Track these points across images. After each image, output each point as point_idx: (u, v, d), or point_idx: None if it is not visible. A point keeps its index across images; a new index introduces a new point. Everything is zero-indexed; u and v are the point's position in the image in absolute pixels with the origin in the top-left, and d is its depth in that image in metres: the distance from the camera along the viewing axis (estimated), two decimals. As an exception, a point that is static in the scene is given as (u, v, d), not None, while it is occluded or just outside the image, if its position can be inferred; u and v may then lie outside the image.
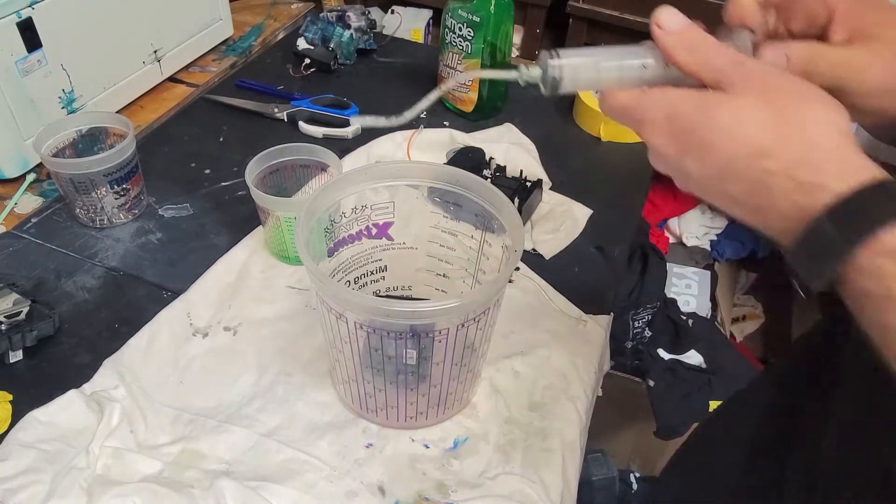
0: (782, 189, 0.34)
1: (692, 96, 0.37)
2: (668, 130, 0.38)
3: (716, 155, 0.36)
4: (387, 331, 0.53)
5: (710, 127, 0.36)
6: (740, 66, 0.37)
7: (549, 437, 0.62)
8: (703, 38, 0.39)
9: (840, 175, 0.33)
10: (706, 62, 0.38)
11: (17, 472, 0.56)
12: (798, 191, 0.34)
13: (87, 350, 0.69)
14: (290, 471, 0.59)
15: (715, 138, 0.36)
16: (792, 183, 0.34)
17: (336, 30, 1.13)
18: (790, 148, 0.34)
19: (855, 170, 0.33)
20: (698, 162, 0.37)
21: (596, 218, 0.87)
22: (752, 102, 0.36)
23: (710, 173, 0.37)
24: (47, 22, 0.84)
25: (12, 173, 0.88)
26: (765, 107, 0.35)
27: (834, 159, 0.34)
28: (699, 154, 0.37)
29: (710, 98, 0.37)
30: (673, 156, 0.38)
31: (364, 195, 0.64)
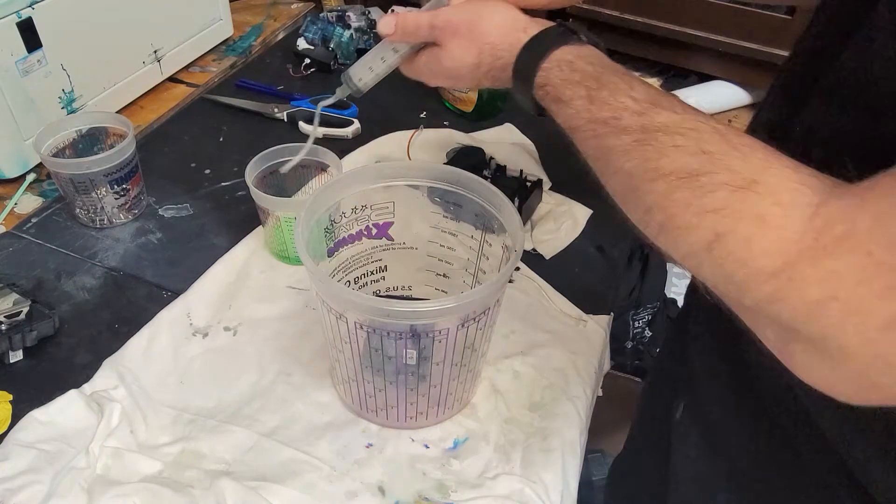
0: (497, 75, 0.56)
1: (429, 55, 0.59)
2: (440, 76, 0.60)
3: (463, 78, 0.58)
4: (387, 331, 0.53)
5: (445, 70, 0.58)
6: (434, 27, 0.57)
7: (549, 437, 0.62)
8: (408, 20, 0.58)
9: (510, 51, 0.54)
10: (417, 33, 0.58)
11: (17, 472, 0.56)
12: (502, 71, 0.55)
13: (87, 350, 0.69)
14: (290, 471, 0.59)
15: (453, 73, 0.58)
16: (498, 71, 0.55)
17: (336, 30, 1.13)
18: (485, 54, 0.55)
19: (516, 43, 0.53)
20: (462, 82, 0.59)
21: (596, 218, 0.87)
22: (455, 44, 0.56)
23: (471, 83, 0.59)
24: (47, 22, 0.84)
25: (12, 173, 0.88)
26: (461, 41, 0.56)
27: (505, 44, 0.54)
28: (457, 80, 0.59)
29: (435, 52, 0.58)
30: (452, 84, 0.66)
31: (364, 195, 0.64)
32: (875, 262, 0.30)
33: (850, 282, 0.31)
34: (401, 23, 0.58)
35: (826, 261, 0.32)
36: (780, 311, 0.33)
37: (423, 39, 0.58)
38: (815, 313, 0.32)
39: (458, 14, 0.56)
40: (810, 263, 0.32)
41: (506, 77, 0.55)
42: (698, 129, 0.40)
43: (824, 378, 0.34)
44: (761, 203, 0.35)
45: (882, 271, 0.30)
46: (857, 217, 0.31)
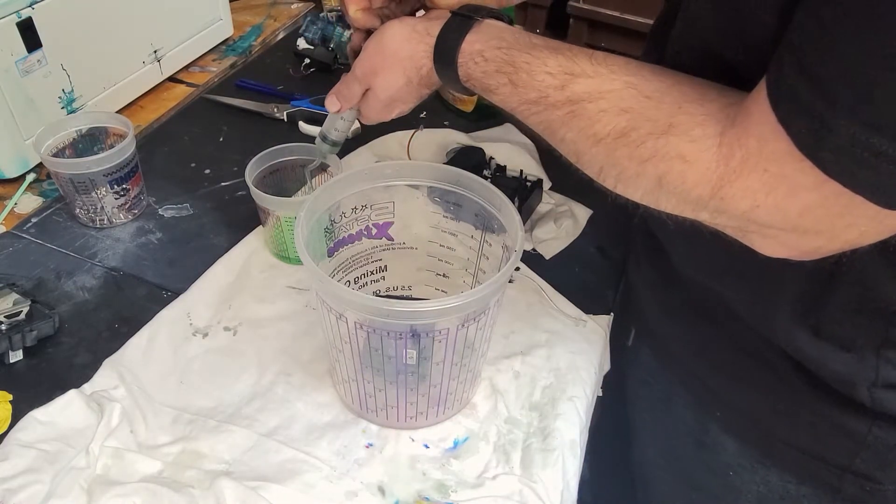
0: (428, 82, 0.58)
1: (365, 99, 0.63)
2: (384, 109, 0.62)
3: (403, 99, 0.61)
4: (387, 331, 0.53)
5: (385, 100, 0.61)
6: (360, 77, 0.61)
7: (549, 437, 0.62)
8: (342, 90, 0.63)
9: (426, 55, 0.56)
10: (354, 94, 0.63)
11: (17, 472, 0.56)
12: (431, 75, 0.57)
13: (87, 350, 0.69)
14: (290, 471, 0.59)
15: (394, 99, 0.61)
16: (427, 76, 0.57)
17: (336, 30, 1.13)
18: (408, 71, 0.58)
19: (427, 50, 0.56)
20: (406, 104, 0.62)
21: (596, 218, 0.87)
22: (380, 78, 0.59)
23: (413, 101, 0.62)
24: (47, 22, 0.85)
25: (12, 173, 0.88)
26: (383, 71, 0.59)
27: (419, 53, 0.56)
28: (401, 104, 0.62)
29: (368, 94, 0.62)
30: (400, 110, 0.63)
31: (364, 195, 0.64)
32: (771, 175, 0.39)
33: (762, 193, 0.40)
34: (339, 96, 0.64)
35: (739, 181, 0.40)
36: (727, 219, 0.43)
37: (360, 94, 0.62)
38: (751, 217, 0.41)
39: (367, 53, 0.60)
40: (729, 185, 0.41)
41: (436, 80, 0.57)
42: (614, 91, 0.46)
43: (779, 251, 0.43)
44: (679, 143, 0.42)
45: (778, 180, 0.39)
46: (746, 143, 0.40)
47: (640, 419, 0.76)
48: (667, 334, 0.67)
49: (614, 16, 1.96)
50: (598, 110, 0.46)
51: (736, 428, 0.62)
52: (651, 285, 0.69)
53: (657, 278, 0.67)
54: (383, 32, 0.59)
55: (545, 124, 0.50)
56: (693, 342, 0.64)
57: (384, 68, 0.59)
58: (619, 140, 0.45)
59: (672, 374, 0.68)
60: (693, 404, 0.66)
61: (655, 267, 0.67)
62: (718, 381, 0.62)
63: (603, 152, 0.46)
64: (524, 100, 0.50)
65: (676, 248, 0.61)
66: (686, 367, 0.65)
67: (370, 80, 0.61)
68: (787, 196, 0.39)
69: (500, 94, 0.52)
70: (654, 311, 0.69)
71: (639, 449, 0.78)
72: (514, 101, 0.51)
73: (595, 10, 1.99)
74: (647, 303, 0.70)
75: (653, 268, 0.68)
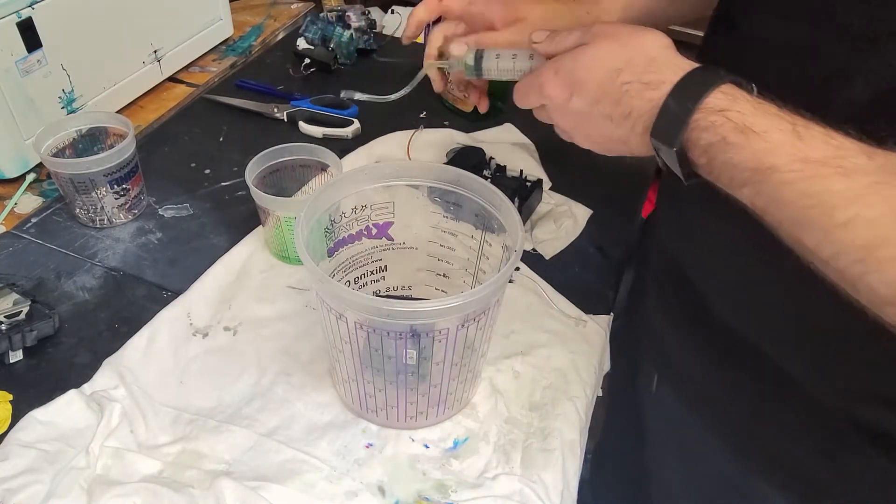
0: (637, 91, 0.46)
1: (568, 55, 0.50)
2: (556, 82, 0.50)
3: (589, 85, 0.48)
4: (387, 331, 0.53)
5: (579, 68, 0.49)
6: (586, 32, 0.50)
7: (549, 437, 0.62)
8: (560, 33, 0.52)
9: (674, 71, 0.44)
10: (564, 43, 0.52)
11: (17, 472, 0.56)
12: (647, 89, 0.45)
13: (87, 350, 0.69)
14: (290, 471, 0.59)
15: (585, 75, 0.48)
16: (642, 85, 0.45)
17: (336, 30, 1.13)
18: (635, 63, 0.46)
19: (682, 65, 0.45)
20: (579, 95, 0.49)
21: (596, 218, 0.87)
22: (602, 43, 0.48)
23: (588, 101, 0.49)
24: (47, 22, 0.84)
25: (12, 173, 0.88)
26: (610, 43, 0.48)
27: (667, 63, 0.46)
28: (578, 89, 0.49)
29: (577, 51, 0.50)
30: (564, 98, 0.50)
31: (364, 195, 0.64)
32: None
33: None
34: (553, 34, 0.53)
35: None
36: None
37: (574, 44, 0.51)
38: None
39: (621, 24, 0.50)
40: None
41: (649, 97, 0.45)
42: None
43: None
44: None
45: None
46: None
47: (667, 466, 0.70)
48: (700, 380, 0.61)
49: (614, 16, 1.96)
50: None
51: (785, 482, 0.56)
52: (684, 334, 0.63)
53: (692, 329, 0.61)
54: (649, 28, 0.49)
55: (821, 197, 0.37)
56: (731, 390, 0.58)
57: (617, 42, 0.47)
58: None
59: (705, 421, 0.62)
60: (733, 455, 0.60)
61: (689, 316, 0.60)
62: (763, 433, 0.56)
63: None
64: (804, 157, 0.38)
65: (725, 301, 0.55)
66: (722, 415, 0.59)
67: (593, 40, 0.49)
68: None
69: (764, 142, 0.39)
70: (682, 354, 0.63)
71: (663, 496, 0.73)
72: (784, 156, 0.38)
73: (595, 10, 1.99)
74: (674, 344, 0.63)
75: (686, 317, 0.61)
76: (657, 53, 0.46)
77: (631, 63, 0.46)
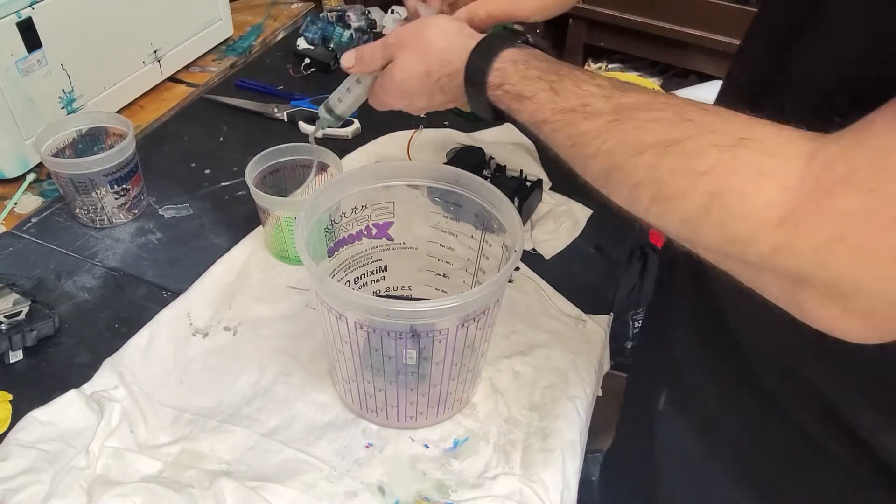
0: (448, 82, 0.55)
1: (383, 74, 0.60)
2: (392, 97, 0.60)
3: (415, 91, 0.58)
4: (387, 331, 0.53)
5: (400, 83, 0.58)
6: (386, 46, 0.59)
7: (549, 437, 0.62)
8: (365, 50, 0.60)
9: (460, 56, 0.54)
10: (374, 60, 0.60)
11: (17, 472, 0.56)
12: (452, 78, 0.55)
13: (87, 350, 0.69)
14: (290, 471, 0.59)
15: (408, 86, 0.58)
16: (448, 77, 0.55)
17: (336, 30, 1.13)
18: (433, 62, 0.56)
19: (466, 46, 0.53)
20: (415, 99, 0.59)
21: (596, 218, 0.87)
22: (404, 56, 0.57)
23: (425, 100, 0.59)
24: (47, 22, 0.84)
25: (12, 173, 0.88)
26: (409, 54, 0.57)
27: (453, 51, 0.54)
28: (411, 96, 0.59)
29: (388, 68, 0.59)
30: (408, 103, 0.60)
31: (364, 195, 0.64)
32: (879, 197, 0.30)
33: (857, 220, 0.31)
34: (359, 55, 0.61)
35: (830, 202, 0.32)
36: (789, 260, 0.33)
37: (380, 63, 0.60)
38: (825, 255, 0.32)
39: (406, 28, 0.58)
40: (815, 207, 0.32)
41: (456, 84, 0.54)
42: (671, 103, 0.40)
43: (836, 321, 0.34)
44: (755, 157, 0.35)
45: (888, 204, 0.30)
46: (856, 156, 0.32)
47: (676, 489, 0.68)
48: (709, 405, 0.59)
49: (614, 15, 1.96)
50: (650, 118, 0.40)
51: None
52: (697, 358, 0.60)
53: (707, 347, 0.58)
54: (430, 19, 0.57)
55: (577, 137, 0.44)
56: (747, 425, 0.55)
57: (413, 47, 0.56)
58: (669, 149, 0.38)
59: (716, 452, 0.59)
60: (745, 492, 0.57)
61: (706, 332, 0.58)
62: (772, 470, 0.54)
63: (646, 163, 0.39)
64: (560, 108, 0.46)
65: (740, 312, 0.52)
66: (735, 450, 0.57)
67: (395, 53, 0.58)
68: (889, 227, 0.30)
69: (534, 103, 0.48)
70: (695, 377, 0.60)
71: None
72: (547, 111, 0.47)
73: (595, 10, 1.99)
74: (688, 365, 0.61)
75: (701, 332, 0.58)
76: (444, 44, 0.55)
77: (431, 63, 0.56)
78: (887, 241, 0.30)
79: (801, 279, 0.34)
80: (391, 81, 0.59)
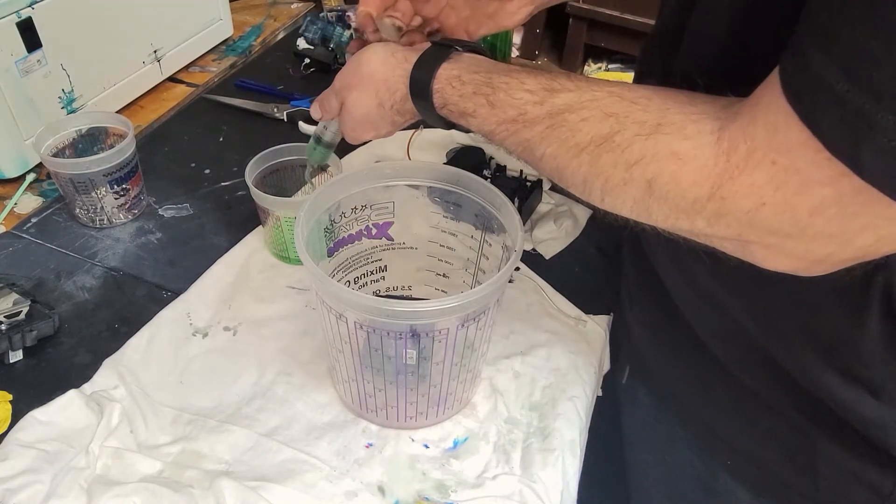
0: (401, 107, 0.57)
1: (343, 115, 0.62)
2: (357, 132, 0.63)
3: (374, 123, 0.60)
4: (387, 331, 0.53)
5: (357, 120, 0.61)
6: (337, 91, 0.62)
7: (549, 437, 0.62)
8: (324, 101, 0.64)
9: (402, 80, 0.56)
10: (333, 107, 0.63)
11: (17, 472, 0.56)
12: (402, 103, 0.57)
13: (87, 350, 0.69)
14: (290, 471, 0.59)
15: (365, 119, 0.60)
16: (401, 102, 0.57)
17: (336, 30, 1.13)
18: (380, 92, 0.58)
19: (405, 72, 0.55)
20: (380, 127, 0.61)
21: (596, 218, 0.87)
22: (352, 95, 0.60)
23: (384, 130, 0.61)
24: (47, 22, 0.85)
25: (12, 173, 0.88)
26: (357, 92, 0.59)
27: (394, 77, 0.56)
28: (370, 127, 0.61)
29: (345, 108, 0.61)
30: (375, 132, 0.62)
31: (364, 195, 0.64)
32: (781, 168, 0.35)
33: (769, 189, 0.36)
34: (319, 106, 0.65)
35: (743, 177, 0.37)
36: (726, 225, 0.39)
37: (337, 107, 0.63)
38: (754, 219, 0.37)
39: (346, 69, 0.61)
40: (731, 182, 0.37)
41: (409, 107, 0.57)
42: (597, 99, 0.44)
43: (783, 263, 0.39)
44: (671, 141, 0.40)
45: (789, 173, 0.35)
46: (753, 133, 0.36)
47: (641, 460, 0.72)
48: (666, 375, 0.64)
49: (614, 15, 1.96)
50: (580, 119, 0.44)
51: (749, 478, 0.58)
52: (647, 323, 0.66)
53: (654, 315, 0.64)
54: (363, 52, 0.59)
55: (524, 144, 0.48)
56: (697, 385, 0.60)
57: (358, 87, 0.59)
58: (602, 146, 0.43)
59: (674, 416, 0.64)
60: (699, 450, 0.62)
61: (652, 302, 0.63)
62: (727, 428, 0.58)
63: (586, 162, 0.44)
64: (502, 119, 0.49)
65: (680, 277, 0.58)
66: (689, 410, 0.62)
67: (345, 95, 0.61)
68: (797, 192, 0.35)
69: (477, 118, 0.51)
70: (651, 351, 0.65)
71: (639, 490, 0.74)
72: (491, 123, 0.50)
73: (594, 10, 1.99)
74: (642, 341, 0.66)
75: (649, 303, 0.64)
76: (384, 72, 0.57)
77: (379, 95, 0.58)
78: (800, 202, 0.35)
79: (742, 238, 0.39)
80: (351, 118, 0.61)
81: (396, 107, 0.58)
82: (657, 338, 0.64)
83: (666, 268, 0.59)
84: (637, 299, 0.67)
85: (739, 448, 0.58)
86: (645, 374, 0.68)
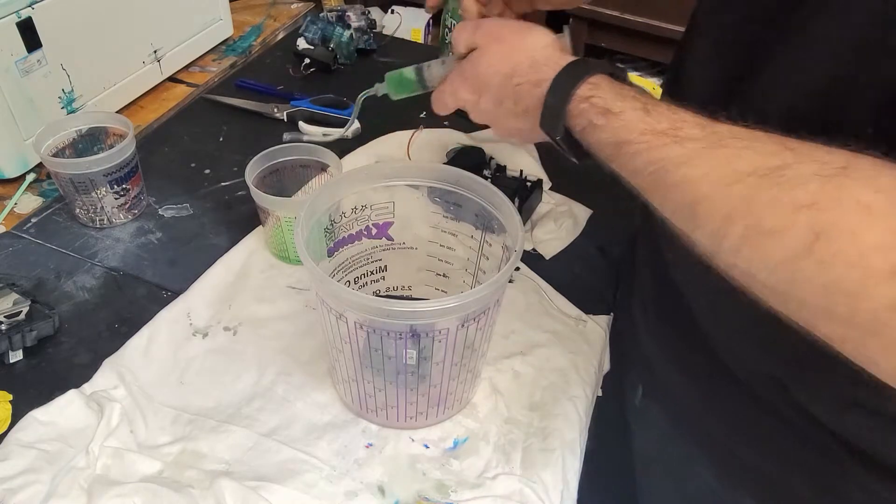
0: (528, 91, 0.52)
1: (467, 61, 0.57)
2: (466, 87, 0.57)
3: (491, 89, 0.55)
4: (387, 331, 0.53)
5: (480, 74, 0.55)
6: (476, 29, 0.56)
7: (549, 437, 0.62)
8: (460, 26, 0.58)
9: (553, 68, 0.50)
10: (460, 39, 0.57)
11: (17, 472, 0.56)
12: (535, 87, 0.51)
13: (87, 350, 0.69)
14: (290, 471, 0.59)
15: (486, 80, 0.55)
16: (531, 85, 0.52)
17: (336, 30, 1.13)
18: (522, 66, 0.53)
19: (560, 62, 0.50)
20: (485, 98, 0.56)
21: (596, 218, 0.87)
22: (494, 48, 0.55)
23: (493, 103, 0.55)
24: (47, 22, 0.84)
25: (12, 173, 0.88)
26: (500, 48, 0.54)
27: (547, 62, 0.51)
28: (483, 92, 0.56)
29: (475, 56, 0.56)
30: (475, 100, 0.57)
31: (364, 195, 0.64)
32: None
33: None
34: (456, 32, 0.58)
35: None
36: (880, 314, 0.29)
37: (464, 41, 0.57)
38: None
39: (507, 24, 0.56)
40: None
41: (537, 94, 0.51)
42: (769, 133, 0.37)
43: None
44: (860, 190, 0.31)
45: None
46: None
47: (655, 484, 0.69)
48: (683, 396, 0.60)
49: (614, 15, 1.96)
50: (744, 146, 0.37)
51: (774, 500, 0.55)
52: (665, 342, 0.61)
53: (673, 334, 0.59)
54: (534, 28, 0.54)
55: (659, 164, 0.40)
56: (716, 408, 0.57)
57: (508, 45, 0.54)
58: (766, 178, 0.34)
59: (691, 438, 0.61)
60: (719, 474, 0.58)
61: (671, 322, 0.59)
62: (750, 454, 0.55)
63: (739, 194, 0.35)
64: (649, 129, 0.42)
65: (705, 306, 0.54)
66: (708, 433, 0.58)
67: (485, 42, 0.55)
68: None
69: (620, 120, 0.44)
70: (667, 370, 0.61)
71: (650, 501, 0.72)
72: (633, 131, 0.43)
73: (595, 10, 1.99)
74: (659, 360, 0.62)
75: (667, 322, 0.60)
76: (539, 54, 0.52)
77: (519, 66, 0.53)
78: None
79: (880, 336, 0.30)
80: (473, 69, 0.56)
81: (524, 88, 0.52)
82: (676, 358, 0.60)
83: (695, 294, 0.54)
84: (655, 315, 0.63)
85: (763, 472, 0.54)
86: (660, 394, 0.64)
